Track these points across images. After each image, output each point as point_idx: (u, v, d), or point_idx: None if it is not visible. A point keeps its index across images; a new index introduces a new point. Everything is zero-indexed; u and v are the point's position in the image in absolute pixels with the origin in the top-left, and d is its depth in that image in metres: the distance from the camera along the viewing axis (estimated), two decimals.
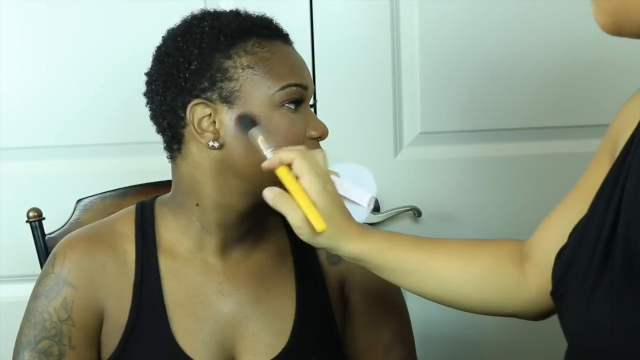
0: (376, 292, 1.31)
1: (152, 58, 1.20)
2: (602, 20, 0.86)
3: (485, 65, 1.72)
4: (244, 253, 1.24)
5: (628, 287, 0.84)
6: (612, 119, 1.80)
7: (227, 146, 1.14)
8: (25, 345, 1.19)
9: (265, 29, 1.17)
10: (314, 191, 1.03)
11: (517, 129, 1.75)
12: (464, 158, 1.75)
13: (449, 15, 1.70)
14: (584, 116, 1.76)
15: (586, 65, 1.73)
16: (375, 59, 1.70)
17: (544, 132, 1.76)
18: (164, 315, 1.19)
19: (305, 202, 1.02)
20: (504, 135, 1.75)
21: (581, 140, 1.76)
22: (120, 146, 1.70)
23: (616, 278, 0.84)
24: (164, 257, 1.22)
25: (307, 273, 1.26)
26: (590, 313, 0.87)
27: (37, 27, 1.67)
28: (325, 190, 1.04)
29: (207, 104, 1.14)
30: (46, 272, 1.22)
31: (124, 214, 1.27)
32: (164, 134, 1.20)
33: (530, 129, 1.76)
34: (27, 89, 1.68)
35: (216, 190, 1.17)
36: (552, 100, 1.74)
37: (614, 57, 1.71)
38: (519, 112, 1.74)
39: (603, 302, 0.85)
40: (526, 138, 1.76)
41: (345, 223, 1.07)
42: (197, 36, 1.15)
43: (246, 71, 1.13)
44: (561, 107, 1.75)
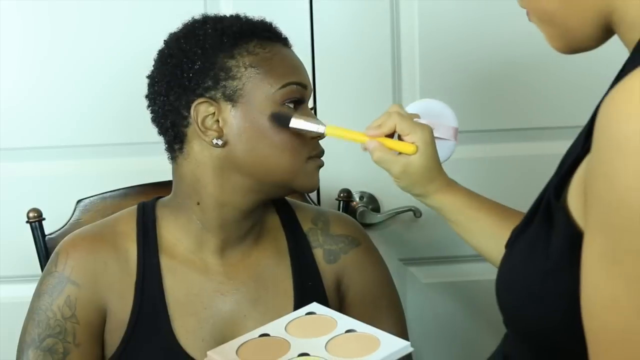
0: (372, 290, 1.33)
1: (154, 61, 1.22)
2: (556, 46, 0.93)
3: (484, 65, 1.72)
4: (244, 253, 1.26)
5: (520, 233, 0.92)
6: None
7: (230, 144, 1.17)
8: (29, 343, 1.20)
9: (266, 31, 1.21)
10: (421, 142, 1.13)
11: (517, 129, 1.75)
12: (464, 158, 1.74)
13: (448, 15, 1.70)
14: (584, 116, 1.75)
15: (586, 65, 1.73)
16: (375, 59, 1.70)
17: (544, 132, 1.76)
18: (165, 313, 1.21)
19: (402, 146, 1.14)
20: (504, 135, 1.75)
21: None
22: (121, 147, 1.70)
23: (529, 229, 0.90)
24: (164, 256, 1.24)
25: (304, 272, 1.28)
26: (510, 257, 0.93)
27: (37, 28, 1.67)
28: (427, 141, 1.14)
29: (211, 103, 1.16)
30: (49, 270, 1.24)
31: (126, 213, 1.28)
32: (166, 135, 1.21)
33: (530, 129, 1.76)
34: (28, 90, 1.68)
35: (218, 188, 1.19)
36: (552, 101, 1.74)
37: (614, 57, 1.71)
38: (519, 112, 1.74)
39: (519, 246, 0.91)
40: (526, 138, 1.76)
41: (437, 172, 1.17)
42: (200, 38, 1.18)
43: (249, 70, 1.16)
44: (561, 107, 1.75)
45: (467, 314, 1.80)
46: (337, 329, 1.07)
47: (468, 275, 1.79)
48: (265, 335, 1.07)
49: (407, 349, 1.02)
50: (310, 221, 1.33)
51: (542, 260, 0.84)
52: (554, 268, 0.83)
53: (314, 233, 1.32)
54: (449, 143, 1.20)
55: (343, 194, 1.63)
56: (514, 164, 1.76)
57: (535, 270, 0.85)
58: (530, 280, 0.86)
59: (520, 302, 0.88)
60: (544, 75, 1.73)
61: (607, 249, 0.72)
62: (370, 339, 1.04)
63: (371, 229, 1.71)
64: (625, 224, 0.69)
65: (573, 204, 0.81)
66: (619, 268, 0.71)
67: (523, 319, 0.89)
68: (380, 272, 1.36)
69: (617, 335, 0.72)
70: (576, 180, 0.82)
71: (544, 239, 0.85)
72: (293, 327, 1.08)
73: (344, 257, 1.32)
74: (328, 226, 1.33)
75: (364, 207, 1.72)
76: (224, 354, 1.03)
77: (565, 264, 0.81)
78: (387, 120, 1.15)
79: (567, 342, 0.84)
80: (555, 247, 0.83)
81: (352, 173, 1.71)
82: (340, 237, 1.33)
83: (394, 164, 1.15)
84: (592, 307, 0.74)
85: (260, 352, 1.03)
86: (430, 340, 1.79)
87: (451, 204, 1.18)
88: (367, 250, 1.36)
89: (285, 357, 1.01)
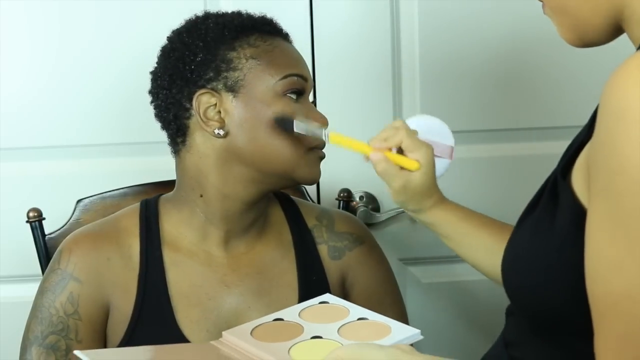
0: (376, 288, 1.35)
1: (157, 57, 1.24)
2: (567, 37, 0.95)
3: (485, 65, 1.72)
4: (247, 245, 1.27)
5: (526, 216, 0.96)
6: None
7: (231, 134, 1.18)
8: (32, 341, 1.21)
9: (266, 25, 1.23)
10: (423, 161, 1.15)
11: (517, 129, 1.75)
12: (464, 158, 1.74)
13: (449, 15, 1.70)
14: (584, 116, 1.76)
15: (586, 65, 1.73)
16: (375, 59, 1.70)
17: (544, 133, 1.77)
18: (169, 305, 1.22)
19: (405, 162, 1.15)
20: (504, 135, 1.75)
21: None
22: (121, 146, 1.70)
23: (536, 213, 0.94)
24: (167, 249, 1.25)
25: (309, 267, 1.29)
26: (516, 236, 0.97)
27: (38, 28, 1.67)
28: (428, 160, 1.16)
29: (212, 94, 1.18)
30: (52, 268, 1.25)
31: (128, 210, 1.30)
32: (169, 128, 1.23)
33: (530, 129, 1.76)
34: (28, 90, 1.68)
35: (220, 180, 1.20)
36: (552, 101, 1.74)
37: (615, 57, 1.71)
38: (519, 112, 1.74)
39: (526, 226, 0.95)
40: (526, 138, 1.76)
41: (434, 190, 1.19)
42: (202, 31, 1.20)
43: (250, 62, 1.18)
44: (561, 107, 1.75)
45: (467, 314, 1.80)
46: (349, 316, 1.10)
47: (468, 275, 1.78)
48: (279, 320, 1.10)
49: (417, 336, 1.06)
50: (315, 218, 1.34)
51: (548, 237, 0.88)
52: (559, 244, 0.86)
53: (318, 229, 1.33)
54: (444, 161, 1.22)
55: (343, 194, 1.63)
56: (513, 164, 1.76)
57: (541, 247, 0.89)
58: (537, 257, 0.89)
59: (526, 279, 0.91)
60: (543, 76, 1.73)
61: (610, 213, 0.76)
62: (381, 326, 1.08)
63: (371, 229, 1.71)
64: (626, 189, 0.73)
65: (577, 184, 0.86)
66: (621, 231, 0.74)
67: (529, 296, 0.92)
68: (384, 270, 1.38)
69: (620, 296, 0.75)
70: (580, 161, 0.87)
71: (550, 217, 0.89)
72: (306, 314, 1.12)
73: (348, 254, 1.33)
74: (332, 223, 1.34)
75: (364, 207, 1.72)
76: (239, 334, 1.06)
77: (570, 240, 0.85)
78: (395, 136, 1.16)
79: (572, 319, 0.87)
80: (561, 224, 0.87)
81: (352, 173, 1.71)
82: (344, 235, 1.34)
83: (396, 178, 1.16)
84: (596, 271, 0.78)
85: (274, 334, 1.06)
86: (430, 340, 1.79)
87: (445, 219, 1.21)
88: (372, 248, 1.37)
89: (299, 339, 1.05)
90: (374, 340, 1.03)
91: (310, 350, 1.03)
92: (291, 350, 1.02)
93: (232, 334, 1.06)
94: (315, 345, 1.04)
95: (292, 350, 1.02)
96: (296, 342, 1.04)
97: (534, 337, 0.95)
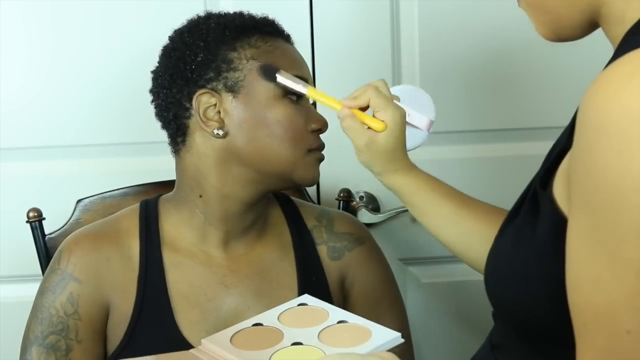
0: (375, 288, 1.35)
1: (159, 56, 1.25)
2: (542, 32, 0.95)
3: (485, 65, 1.72)
4: (247, 246, 1.27)
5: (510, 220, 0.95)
6: None
7: (231, 135, 1.19)
8: (32, 341, 1.21)
9: (267, 26, 1.23)
10: (390, 122, 1.14)
11: (517, 129, 1.75)
12: (464, 158, 1.75)
13: (448, 15, 1.70)
14: None
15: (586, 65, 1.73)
16: (375, 59, 1.70)
17: (544, 133, 1.76)
18: (168, 306, 1.22)
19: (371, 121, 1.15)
20: (504, 135, 1.75)
21: None
22: (121, 146, 1.70)
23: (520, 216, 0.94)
24: (167, 250, 1.25)
25: (308, 267, 1.29)
26: (498, 245, 0.97)
27: (38, 28, 1.67)
28: (397, 122, 1.15)
29: (212, 94, 1.18)
30: (52, 268, 1.25)
31: (128, 211, 1.30)
32: (169, 127, 1.23)
33: (530, 129, 1.76)
34: (28, 90, 1.68)
35: (220, 180, 1.20)
36: (552, 101, 1.74)
37: None
38: (519, 112, 1.74)
39: (508, 234, 0.94)
40: (526, 138, 1.76)
41: (401, 155, 1.18)
42: (203, 31, 1.20)
43: (250, 62, 1.19)
44: (561, 107, 1.75)
45: (467, 313, 1.80)
46: (328, 319, 1.09)
47: (468, 275, 1.78)
48: (258, 325, 1.09)
49: (397, 339, 1.04)
50: (315, 218, 1.34)
51: (529, 247, 0.87)
52: (540, 254, 0.85)
53: (318, 230, 1.33)
54: (421, 133, 1.22)
55: (343, 193, 1.63)
56: (514, 164, 1.76)
57: (522, 256, 0.88)
58: (518, 266, 0.89)
59: (508, 288, 0.91)
60: (543, 76, 1.73)
61: (590, 229, 0.74)
62: (361, 330, 1.06)
63: (371, 229, 1.71)
64: (607, 204, 0.71)
65: (558, 193, 0.84)
66: (601, 247, 0.73)
67: (511, 305, 0.91)
68: (383, 270, 1.38)
69: (601, 310, 0.74)
70: (561, 171, 0.85)
71: (531, 227, 0.88)
72: (286, 317, 1.10)
73: (348, 254, 1.33)
74: (332, 224, 1.34)
75: (364, 207, 1.72)
76: (218, 342, 1.04)
77: (550, 250, 0.83)
78: (363, 94, 1.17)
79: (554, 327, 0.86)
80: (541, 234, 0.85)
81: (352, 173, 1.71)
82: (344, 235, 1.34)
83: (360, 135, 1.15)
84: (577, 285, 0.76)
85: (254, 341, 1.05)
86: (430, 340, 1.79)
87: (409, 186, 1.20)
88: (371, 249, 1.37)
89: (279, 346, 1.03)
90: (355, 344, 1.02)
91: (292, 358, 1.01)
92: (272, 358, 1.01)
93: (211, 342, 1.04)
94: (297, 352, 1.02)
95: (274, 358, 1.01)
96: (277, 349, 1.02)
97: (518, 342, 0.94)
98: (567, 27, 0.93)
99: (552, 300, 0.84)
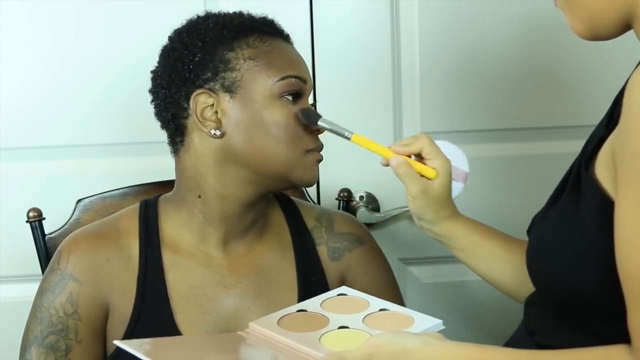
0: (376, 289, 1.33)
1: (158, 56, 1.24)
2: (579, 29, 0.98)
3: (485, 65, 1.72)
4: (246, 246, 1.27)
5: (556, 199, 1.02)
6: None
7: (228, 135, 1.19)
8: (32, 341, 1.21)
9: (266, 26, 1.23)
10: (441, 170, 1.17)
11: (517, 129, 1.75)
12: None
13: (449, 15, 1.70)
14: (584, 116, 1.76)
15: (586, 65, 1.73)
16: (375, 59, 1.70)
17: (544, 133, 1.77)
18: (168, 306, 1.22)
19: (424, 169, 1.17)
20: (504, 135, 1.75)
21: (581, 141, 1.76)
22: (121, 146, 1.70)
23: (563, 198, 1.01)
24: (167, 250, 1.25)
25: (308, 267, 1.29)
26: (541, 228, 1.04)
27: (38, 28, 1.67)
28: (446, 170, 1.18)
29: (209, 94, 1.18)
30: (52, 268, 1.25)
31: (128, 211, 1.30)
32: (168, 127, 1.23)
33: (530, 129, 1.76)
34: (28, 90, 1.68)
35: (218, 180, 1.20)
36: (552, 101, 1.74)
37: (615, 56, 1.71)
38: (519, 112, 1.74)
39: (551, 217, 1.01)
40: (526, 138, 1.76)
41: (450, 204, 1.21)
42: (201, 31, 1.20)
43: (247, 62, 1.18)
44: (561, 107, 1.75)
45: (467, 314, 1.80)
46: (370, 308, 1.12)
47: (468, 275, 1.77)
48: (302, 311, 1.11)
49: (439, 326, 1.08)
50: (315, 219, 1.34)
51: (574, 226, 0.95)
52: (585, 231, 0.93)
53: (318, 230, 1.33)
54: (458, 184, 1.24)
55: (343, 193, 1.63)
56: (514, 164, 1.76)
57: (568, 235, 0.95)
58: (564, 245, 0.96)
59: (554, 266, 0.97)
60: (544, 76, 1.73)
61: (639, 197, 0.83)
62: (404, 317, 1.10)
63: (371, 228, 1.71)
64: None
65: (601, 174, 0.92)
66: None
67: (557, 283, 0.97)
68: (384, 271, 1.37)
69: None
70: (602, 155, 0.93)
71: (574, 208, 0.96)
72: (328, 305, 1.13)
73: (348, 255, 1.33)
74: (332, 224, 1.34)
75: (364, 207, 1.72)
76: (267, 324, 1.06)
77: (596, 227, 0.91)
78: (416, 142, 1.18)
79: (600, 303, 0.92)
80: (586, 213, 0.93)
81: (352, 173, 1.71)
82: (344, 235, 1.34)
83: (416, 182, 1.16)
84: (629, 253, 0.84)
85: (301, 325, 1.07)
86: None
87: (459, 231, 1.22)
88: (372, 249, 1.37)
89: (326, 329, 1.05)
90: (399, 330, 1.04)
91: (341, 340, 1.03)
92: (321, 339, 1.03)
93: (259, 324, 1.07)
94: (345, 334, 1.05)
95: (323, 339, 1.03)
96: (324, 332, 1.04)
97: (559, 324, 0.99)
98: (603, 25, 0.96)
99: (599, 275, 0.90)
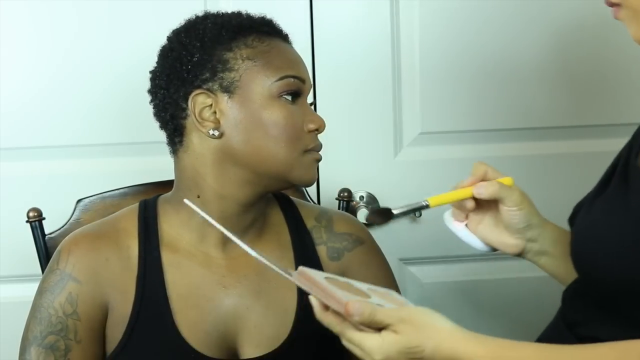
0: None
1: (157, 57, 1.24)
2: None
3: (485, 65, 1.72)
4: None
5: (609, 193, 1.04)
6: (612, 118, 1.80)
7: (226, 135, 1.19)
8: (31, 341, 1.21)
9: (265, 26, 1.22)
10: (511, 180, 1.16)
11: (517, 129, 1.75)
12: (464, 158, 1.74)
13: (449, 15, 1.70)
14: (583, 116, 1.76)
15: (586, 65, 1.73)
16: (375, 59, 1.71)
17: (544, 133, 1.77)
18: (167, 306, 1.21)
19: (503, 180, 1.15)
20: (504, 135, 1.75)
21: (581, 141, 1.76)
22: (121, 146, 1.70)
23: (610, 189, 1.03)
24: (166, 250, 1.25)
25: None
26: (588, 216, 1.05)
27: (38, 28, 1.67)
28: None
29: (208, 94, 1.18)
30: (51, 268, 1.25)
31: (127, 211, 1.29)
32: (166, 128, 1.23)
33: (530, 129, 1.76)
34: (28, 90, 1.68)
35: (217, 181, 1.20)
36: (552, 101, 1.74)
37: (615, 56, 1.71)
38: (519, 112, 1.74)
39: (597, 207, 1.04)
40: (526, 138, 1.76)
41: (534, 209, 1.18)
42: (200, 32, 1.20)
43: (246, 62, 1.18)
44: (561, 107, 1.75)
45: (467, 314, 1.79)
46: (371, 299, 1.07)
47: (468, 275, 1.79)
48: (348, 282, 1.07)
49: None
50: (314, 219, 1.34)
51: (623, 215, 0.98)
52: (636, 221, 0.95)
53: (317, 230, 1.33)
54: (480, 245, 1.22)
55: (343, 193, 1.63)
56: (513, 164, 1.76)
57: (616, 224, 0.98)
58: (612, 234, 0.98)
59: (603, 256, 0.98)
60: (543, 76, 1.73)
61: None
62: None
63: (371, 228, 1.71)
64: None
65: None
66: None
67: (605, 272, 0.98)
68: (384, 271, 1.37)
69: None
70: None
71: (622, 197, 0.99)
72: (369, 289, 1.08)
73: (347, 254, 1.33)
74: (332, 224, 1.34)
75: (364, 207, 1.72)
76: (315, 273, 1.03)
77: None
78: (479, 167, 1.16)
79: None
80: (635, 202, 0.96)
81: (352, 173, 1.71)
82: (344, 235, 1.33)
83: (511, 191, 1.13)
84: None
85: (346, 289, 1.03)
86: None
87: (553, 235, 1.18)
88: (371, 249, 1.37)
89: (371, 301, 1.01)
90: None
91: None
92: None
93: (309, 270, 1.03)
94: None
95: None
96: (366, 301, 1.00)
97: (605, 314, 1.00)
98: None
99: None
